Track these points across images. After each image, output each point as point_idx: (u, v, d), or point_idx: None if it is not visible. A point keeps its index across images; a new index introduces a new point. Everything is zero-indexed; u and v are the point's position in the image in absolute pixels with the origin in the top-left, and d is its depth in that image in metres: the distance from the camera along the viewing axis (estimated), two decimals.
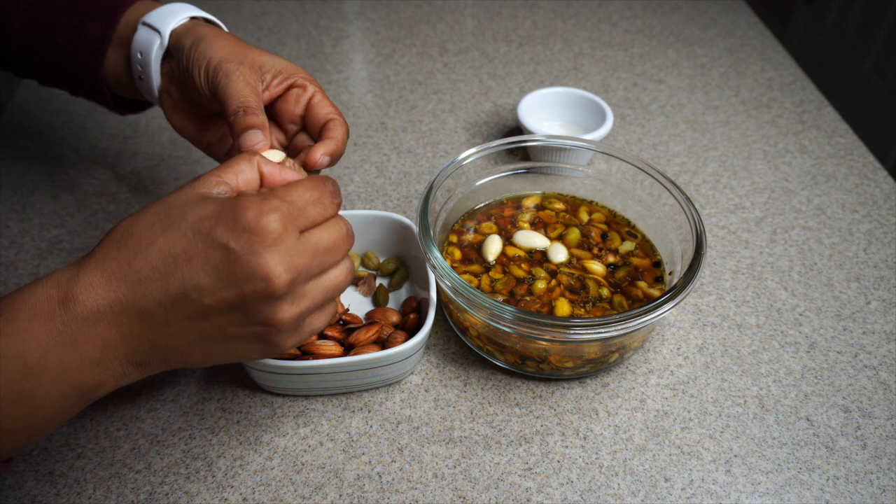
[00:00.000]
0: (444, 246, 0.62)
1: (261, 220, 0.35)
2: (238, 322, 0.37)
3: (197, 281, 0.36)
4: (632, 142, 0.83)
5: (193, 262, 0.36)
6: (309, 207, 0.38)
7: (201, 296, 0.36)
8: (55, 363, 0.35)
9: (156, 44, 0.50)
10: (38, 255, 0.66)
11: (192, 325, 0.37)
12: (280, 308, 0.37)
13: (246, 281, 0.35)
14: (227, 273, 0.35)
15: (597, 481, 0.50)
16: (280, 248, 0.36)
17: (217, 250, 0.35)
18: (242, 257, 0.35)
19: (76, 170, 0.75)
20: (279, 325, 0.38)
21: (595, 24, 1.05)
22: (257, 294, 0.36)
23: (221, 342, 0.38)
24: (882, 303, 0.64)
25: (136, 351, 0.37)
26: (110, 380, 0.38)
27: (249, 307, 0.36)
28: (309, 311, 0.39)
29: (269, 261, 0.35)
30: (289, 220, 0.37)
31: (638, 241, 0.63)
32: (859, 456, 0.52)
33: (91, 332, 0.36)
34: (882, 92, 1.75)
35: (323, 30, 1.02)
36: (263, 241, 0.35)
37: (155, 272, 0.36)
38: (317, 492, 0.49)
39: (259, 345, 0.39)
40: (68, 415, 0.39)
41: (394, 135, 0.82)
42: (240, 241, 0.35)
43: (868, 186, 0.77)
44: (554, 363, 0.54)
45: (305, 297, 0.38)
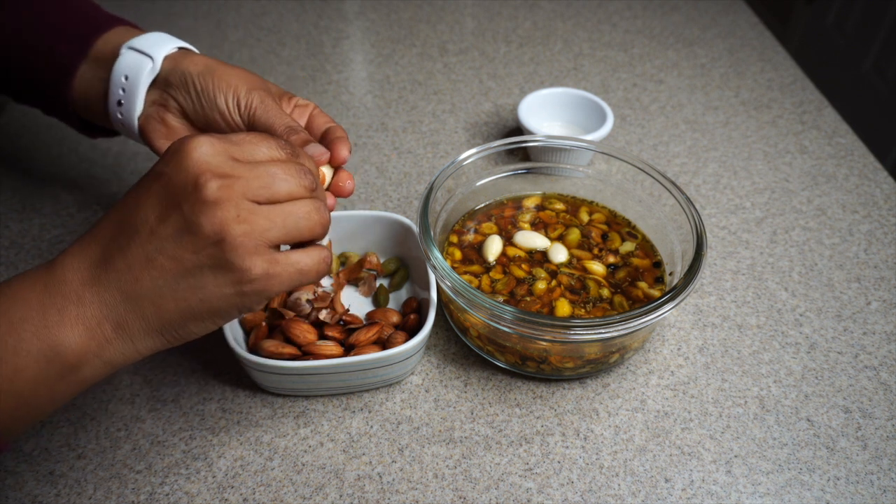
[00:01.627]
0: (444, 246, 0.62)
1: (187, 142, 0.38)
2: (191, 247, 0.37)
3: (144, 214, 0.37)
4: (632, 142, 0.83)
5: (141, 199, 0.38)
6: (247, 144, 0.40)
7: (149, 225, 0.37)
8: (36, 318, 0.37)
9: (146, 68, 0.50)
10: (39, 256, 0.66)
11: (150, 264, 0.37)
12: (221, 216, 0.36)
13: (180, 194, 0.37)
14: (165, 196, 0.37)
15: (597, 482, 0.50)
16: (205, 158, 0.37)
17: (154, 180, 0.38)
18: (173, 175, 0.37)
19: (76, 170, 0.75)
20: (227, 237, 0.36)
21: (595, 24, 1.05)
22: (194, 205, 0.36)
23: (186, 279, 0.37)
24: (882, 303, 0.64)
25: (109, 305, 0.38)
26: (92, 346, 0.38)
27: (194, 224, 0.36)
28: (268, 233, 0.37)
29: (194, 168, 0.37)
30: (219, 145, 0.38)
31: (638, 242, 0.63)
32: (860, 456, 0.52)
33: (68, 288, 0.38)
34: (882, 92, 1.75)
35: (323, 30, 1.02)
36: (189, 156, 0.37)
37: (113, 222, 0.39)
38: (317, 492, 0.49)
39: (225, 278, 0.37)
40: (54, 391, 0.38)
41: (394, 135, 0.82)
42: (170, 164, 0.38)
43: (868, 187, 0.77)
44: (554, 363, 0.54)
45: (256, 214, 0.37)
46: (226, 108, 0.49)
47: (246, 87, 0.49)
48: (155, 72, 0.50)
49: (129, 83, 0.51)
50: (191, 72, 0.50)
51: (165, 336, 0.39)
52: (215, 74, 0.49)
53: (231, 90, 0.49)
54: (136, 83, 0.50)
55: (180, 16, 1.03)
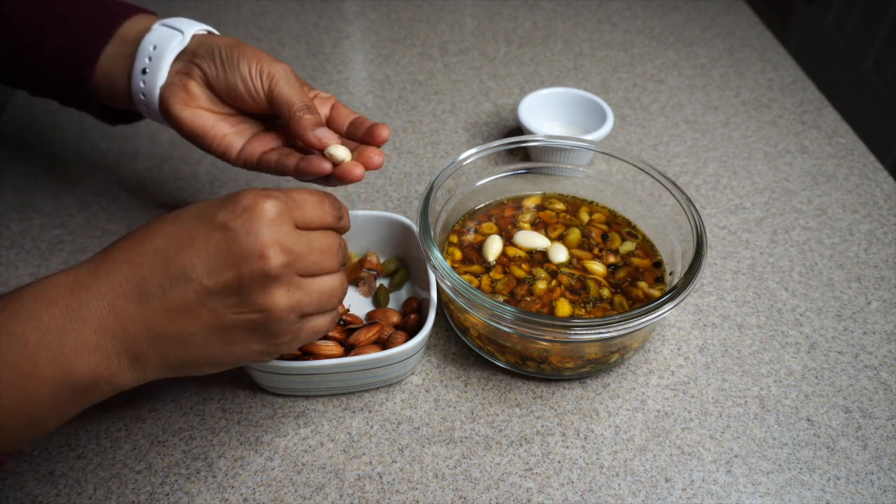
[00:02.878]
0: (444, 246, 0.62)
1: (259, 202, 0.38)
2: (235, 307, 0.38)
3: (197, 262, 0.37)
4: (632, 142, 0.83)
5: (195, 244, 0.37)
6: (307, 206, 0.41)
7: (201, 277, 0.37)
8: (53, 345, 0.36)
9: (175, 39, 0.52)
10: (39, 256, 0.66)
11: (189, 310, 0.37)
12: (275, 291, 0.38)
13: (243, 259, 0.37)
14: (226, 252, 0.37)
15: (597, 482, 0.50)
16: (276, 229, 0.38)
17: (217, 231, 0.37)
18: (241, 236, 0.37)
19: (77, 170, 0.75)
20: (275, 311, 0.38)
21: (595, 24, 1.05)
22: (254, 273, 0.37)
23: (218, 334, 0.38)
24: (883, 303, 0.64)
25: (133, 339, 0.37)
26: (104, 375, 0.38)
27: (246, 289, 0.37)
28: (306, 308, 0.40)
29: (266, 238, 0.37)
30: (286, 208, 0.39)
31: (638, 242, 0.63)
32: (860, 456, 0.52)
33: (90, 314, 0.37)
34: (882, 92, 1.75)
35: (323, 30, 1.02)
36: (260, 220, 0.37)
37: (158, 255, 0.37)
38: (317, 492, 0.49)
39: (257, 339, 0.40)
40: (63, 412, 0.39)
41: (394, 135, 0.82)
42: (238, 221, 0.37)
43: (868, 187, 0.77)
44: (554, 363, 0.54)
45: (301, 289, 0.39)
46: (248, 74, 0.50)
47: (270, 60, 0.51)
48: (183, 44, 0.52)
49: (156, 52, 0.52)
50: (219, 44, 0.51)
51: (176, 372, 0.40)
52: (241, 48, 0.51)
53: (255, 60, 0.50)
54: (162, 52, 0.51)
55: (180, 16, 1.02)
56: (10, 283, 0.63)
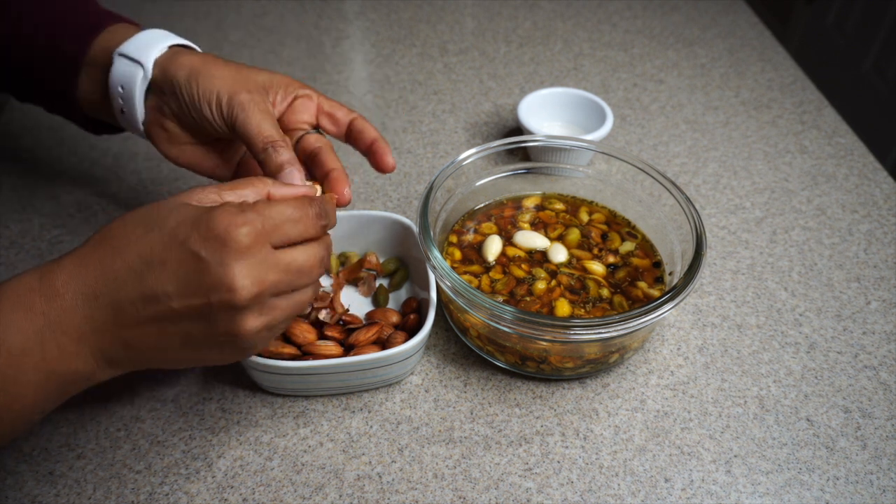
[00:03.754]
0: (444, 246, 0.62)
1: (231, 231, 0.37)
2: (204, 330, 0.39)
3: (168, 286, 0.37)
4: (632, 142, 0.83)
5: (166, 267, 0.37)
6: (287, 225, 0.40)
7: (170, 300, 0.37)
8: (36, 351, 0.37)
9: (139, 77, 0.49)
10: (39, 256, 0.66)
11: (160, 328, 0.39)
12: (244, 319, 0.38)
13: (212, 290, 0.37)
14: (197, 281, 0.37)
15: (597, 482, 0.50)
16: (248, 260, 0.37)
17: (189, 257, 0.37)
18: (211, 266, 0.37)
19: (76, 170, 0.75)
20: (243, 336, 0.39)
21: (595, 24, 1.05)
22: (222, 304, 0.37)
23: (189, 348, 0.40)
24: (882, 303, 0.64)
25: (108, 348, 0.39)
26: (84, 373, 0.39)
27: (215, 317, 0.38)
28: (276, 323, 0.41)
29: (236, 272, 0.37)
30: (261, 234, 0.38)
31: (638, 242, 0.63)
32: (859, 456, 0.52)
33: (69, 324, 0.38)
34: (882, 92, 1.75)
35: (323, 30, 1.02)
36: (232, 251, 0.37)
37: (131, 273, 0.38)
38: (317, 492, 0.49)
39: (226, 352, 0.41)
40: (50, 405, 0.40)
41: (394, 135, 0.82)
42: (209, 251, 0.37)
43: (868, 187, 0.77)
44: (554, 363, 0.54)
45: (273, 310, 0.40)
46: (211, 117, 0.49)
47: (228, 92, 0.48)
48: (147, 79, 0.50)
49: (125, 93, 0.50)
50: (178, 79, 0.49)
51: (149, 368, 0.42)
52: (199, 79, 0.48)
53: (214, 97, 0.48)
54: (131, 93, 0.50)
55: (180, 16, 1.03)
56: None
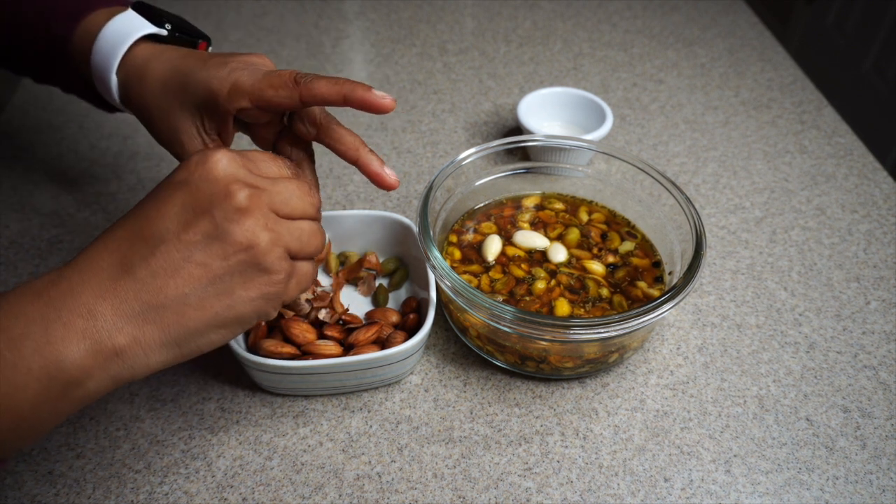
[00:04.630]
0: (443, 246, 0.62)
1: (208, 153, 0.39)
2: (219, 253, 0.37)
3: (169, 223, 0.37)
4: (631, 142, 0.83)
5: (163, 208, 0.38)
6: (260, 161, 0.41)
7: (177, 233, 0.37)
8: (38, 334, 0.35)
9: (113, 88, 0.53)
10: (38, 255, 0.66)
11: (177, 272, 0.37)
12: (252, 224, 0.38)
13: (211, 203, 0.37)
14: (193, 204, 0.37)
15: (596, 481, 0.50)
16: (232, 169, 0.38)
17: (178, 189, 0.38)
18: (201, 184, 0.38)
19: (76, 170, 0.75)
20: (258, 244, 0.38)
21: (595, 24, 1.05)
22: (226, 211, 0.37)
23: (213, 286, 0.37)
24: (882, 303, 0.64)
25: (127, 317, 0.36)
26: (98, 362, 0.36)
27: (223, 230, 0.37)
28: (288, 244, 0.39)
29: (224, 178, 0.38)
30: (237, 156, 0.39)
31: (638, 242, 0.63)
32: (859, 456, 0.52)
33: (75, 302, 0.36)
34: (882, 92, 1.75)
35: (323, 30, 1.02)
36: (215, 166, 0.38)
37: (133, 231, 0.38)
38: (316, 492, 0.49)
39: (253, 282, 0.38)
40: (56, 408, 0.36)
41: (393, 135, 0.82)
42: (195, 174, 0.38)
43: (868, 187, 0.77)
44: (554, 363, 0.54)
45: (279, 225, 0.39)
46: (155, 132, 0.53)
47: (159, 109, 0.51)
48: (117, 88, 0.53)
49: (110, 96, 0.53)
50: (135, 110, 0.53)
51: (182, 348, 0.38)
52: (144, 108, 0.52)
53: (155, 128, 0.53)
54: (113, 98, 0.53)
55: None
56: (10, 283, 0.63)
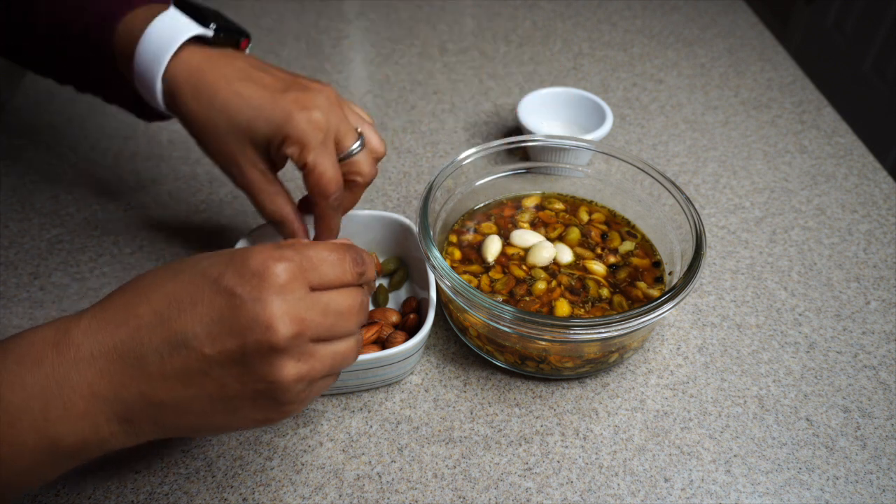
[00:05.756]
0: (443, 246, 0.62)
1: (269, 266, 0.35)
2: (239, 378, 0.35)
3: (199, 328, 0.34)
4: (631, 142, 0.83)
5: (197, 308, 0.34)
6: (325, 266, 0.37)
7: (202, 345, 0.34)
8: (37, 410, 0.33)
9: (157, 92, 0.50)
10: (38, 255, 0.66)
11: (188, 379, 0.35)
12: (283, 364, 0.35)
13: (248, 329, 0.34)
14: (231, 320, 0.34)
15: (597, 481, 0.50)
16: (286, 297, 0.35)
17: (222, 296, 0.34)
18: (247, 303, 0.34)
19: (76, 170, 0.75)
20: (282, 385, 0.35)
21: (595, 24, 1.05)
22: (260, 344, 0.34)
23: (221, 404, 0.36)
24: (882, 303, 0.64)
25: (125, 404, 0.35)
26: (93, 440, 0.35)
27: (251, 360, 0.34)
28: (316, 375, 0.37)
29: (274, 309, 0.34)
30: (299, 271, 0.36)
31: (638, 241, 0.63)
32: (859, 456, 0.52)
33: (79, 379, 0.34)
34: (882, 92, 1.75)
35: (323, 30, 1.02)
36: (270, 287, 0.34)
37: (157, 317, 0.35)
38: (317, 492, 0.49)
39: (262, 408, 0.37)
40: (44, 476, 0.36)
41: (393, 135, 0.82)
42: (245, 287, 0.34)
43: (868, 186, 0.77)
44: (554, 363, 0.54)
45: (313, 357, 0.36)
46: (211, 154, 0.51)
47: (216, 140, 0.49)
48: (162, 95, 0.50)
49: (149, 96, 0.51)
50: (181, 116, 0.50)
51: (173, 435, 0.38)
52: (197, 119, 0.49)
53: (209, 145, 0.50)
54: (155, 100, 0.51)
55: None
56: (10, 283, 0.63)
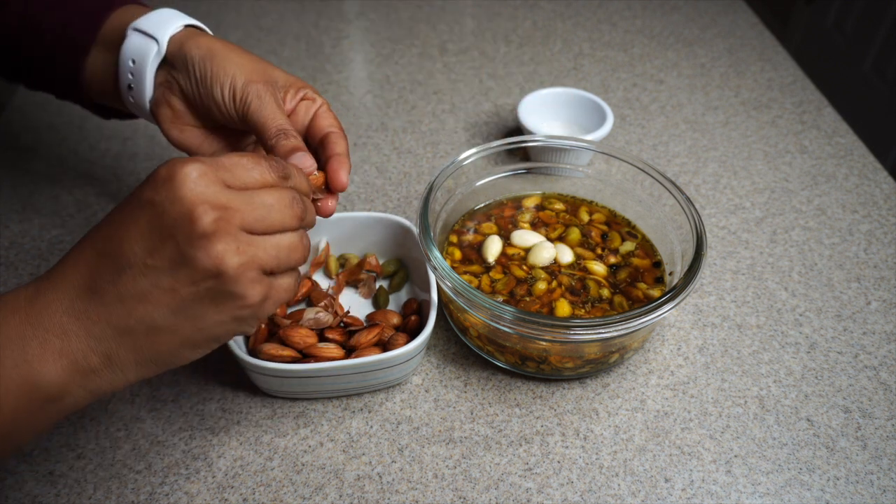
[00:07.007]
0: (444, 246, 0.62)
1: (178, 168, 0.36)
2: (188, 279, 0.36)
3: (135, 245, 0.36)
4: (632, 142, 0.83)
5: (129, 229, 0.36)
6: (238, 169, 0.38)
7: (142, 259, 0.35)
8: (16, 352, 0.35)
9: (152, 51, 0.49)
10: (39, 256, 0.66)
11: (143, 296, 0.36)
12: (219, 249, 0.35)
13: (175, 227, 0.35)
14: (157, 227, 0.35)
15: (597, 482, 0.50)
16: (201, 189, 0.36)
17: (144, 209, 0.36)
18: (166, 206, 0.35)
19: (76, 170, 0.75)
20: (227, 272, 0.36)
21: (595, 24, 1.05)
22: (190, 237, 0.35)
23: (183, 312, 0.36)
24: (882, 303, 0.64)
25: (98, 339, 0.36)
26: (76, 379, 0.36)
27: (189, 256, 0.35)
28: (264, 263, 0.37)
29: (190, 199, 0.35)
30: (211, 170, 0.36)
31: (638, 242, 0.63)
32: (860, 456, 0.52)
33: (50, 320, 0.36)
34: (882, 92, 1.75)
35: (323, 30, 1.02)
36: (183, 184, 0.35)
37: (101, 250, 0.36)
38: (317, 492, 0.49)
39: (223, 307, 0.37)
40: (36, 422, 0.37)
41: (394, 135, 0.82)
42: (161, 193, 0.35)
43: (868, 187, 0.77)
44: (554, 363, 0.54)
45: (252, 245, 0.37)
46: (221, 100, 0.48)
47: (244, 78, 0.48)
48: (161, 55, 0.49)
49: (136, 67, 0.50)
50: (192, 56, 0.48)
51: (158, 365, 0.39)
52: (215, 60, 0.48)
53: (228, 80, 0.48)
54: (143, 67, 0.49)
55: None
56: (10, 283, 0.63)
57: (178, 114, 0.51)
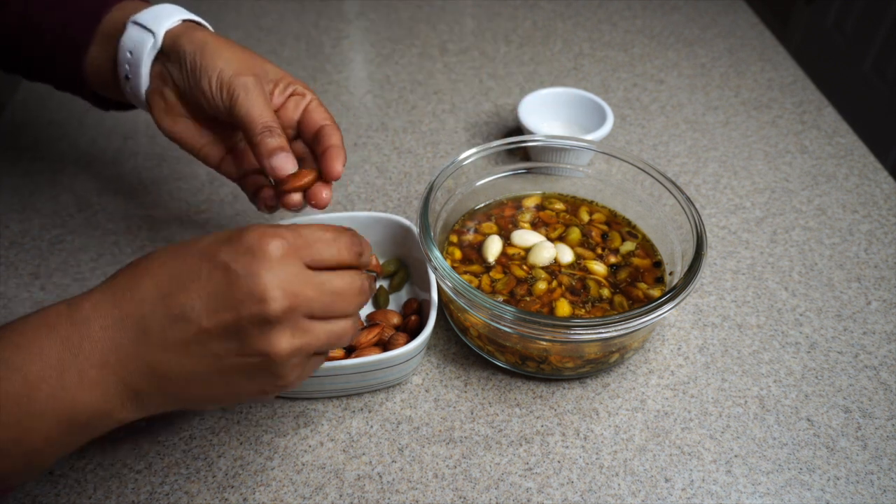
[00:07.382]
0: (444, 246, 0.62)
1: (264, 242, 0.36)
2: (236, 351, 0.36)
3: (196, 302, 0.36)
4: (632, 142, 0.83)
5: (196, 284, 0.36)
6: (319, 244, 0.38)
7: (200, 318, 0.36)
8: (54, 379, 0.35)
9: (148, 44, 0.50)
10: (39, 255, 0.66)
11: (188, 351, 0.36)
12: (276, 336, 0.36)
13: (242, 303, 0.35)
14: (226, 294, 0.35)
15: (597, 481, 0.50)
16: (280, 271, 0.36)
17: (219, 271, 0.36)
18: (242, 278, 0.35)
19: (76, 169, 0.75)
20: (276, 357, 0.36)
21: (595, 24, 1.05)
22: (253, 317, 0.35)
23: (219, 375, 0.37)
24: (882, 303, 0.64)
25: (133, 375, 0.36)
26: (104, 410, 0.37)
27: (245, 333, 0.36)
28: (312, 350, 0.38)
29: (266, 282, 0.35)
30: (293, 248, 0.37)
31: (638, 242, 0.63)
32: (860, 456, 0.52)
33: (91, 349, 0.36)
34: (882, 92, 1.75)
35: (323, 30, 1.02)
36: (263, 262, 0.36)
37: (159, 291, 0.36)
38: (317, 492, 0.49)
39: (258, 381, 0.38)
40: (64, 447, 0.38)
41: (394, 135, 0.82)
42: (240, 262, 0.36)
43: (868, 187, 0.77)
44: (554, 363, 0.54)
45: (308, 332, 0.37)
46: (209, 91, 0.48)
47: (233, 70, 0.48)
48: (157, 48, 0.50)
49: (133, 58, 0.50)
50: (185, 49, 0.49)
51: (178, 405, 0.40)
52: (206, 53, 0.48)
53: (216, 72, 0.48)
54: (139, 58, 0.50)
55: None
56: (10, 283, 0.63)
57: (170, 105, 0.52)
